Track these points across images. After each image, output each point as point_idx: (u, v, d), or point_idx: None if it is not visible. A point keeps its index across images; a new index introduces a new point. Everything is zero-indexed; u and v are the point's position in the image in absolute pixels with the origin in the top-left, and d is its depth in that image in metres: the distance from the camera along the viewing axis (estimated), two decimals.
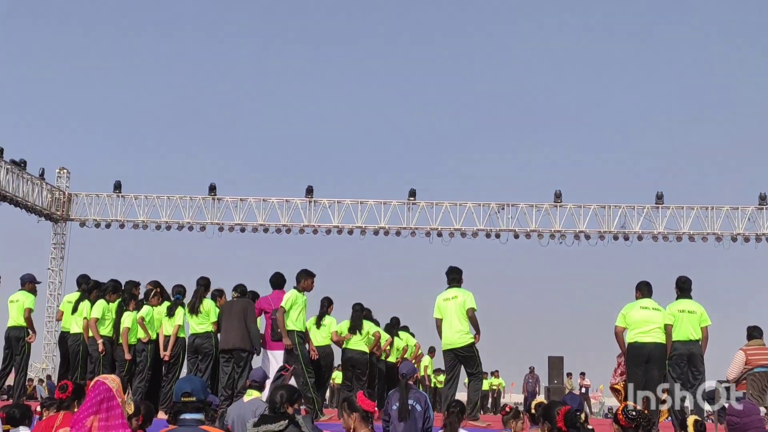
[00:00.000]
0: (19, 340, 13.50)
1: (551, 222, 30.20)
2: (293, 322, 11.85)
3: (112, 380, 5.33)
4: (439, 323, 11.94)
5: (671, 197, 30.25)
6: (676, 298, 11.71)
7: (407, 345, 16.14)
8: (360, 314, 13.62)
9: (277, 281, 12.64)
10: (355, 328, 13.41)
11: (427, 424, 8.77)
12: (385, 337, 14.21)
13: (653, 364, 11.38)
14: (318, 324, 13.28)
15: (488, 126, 79.59)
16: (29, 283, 13.88)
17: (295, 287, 12.08)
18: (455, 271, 12.15)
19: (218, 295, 12.94)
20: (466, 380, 13.79)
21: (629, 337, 11.63)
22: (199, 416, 5.39)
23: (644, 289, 11.77)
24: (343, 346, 13.56)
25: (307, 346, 12.01)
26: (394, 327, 15.45)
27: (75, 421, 5.20)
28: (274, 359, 12.06)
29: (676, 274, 11.88)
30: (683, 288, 11.75)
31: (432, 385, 25.16)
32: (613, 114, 75.21)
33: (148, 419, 7.37)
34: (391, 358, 15.16)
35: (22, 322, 13.47)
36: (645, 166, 69.81)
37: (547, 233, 30.12)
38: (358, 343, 13.43)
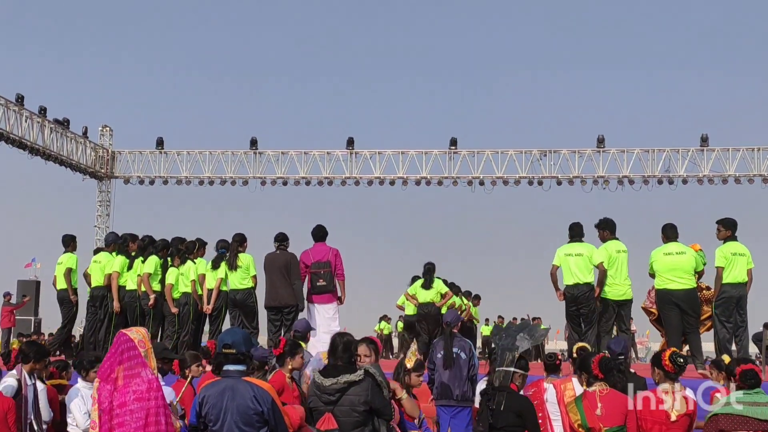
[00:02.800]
0: (103, 299, 13.58)
1: (594, 167, 29.84)
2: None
3: (136, 332, 5.45)
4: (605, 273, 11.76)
5: (716, 139, 29.72)
6: (724, 241, 11.57)
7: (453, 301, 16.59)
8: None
9: (320, 234, 12.63)
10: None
11: (472, 371, 8.81)
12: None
13: (685, 309, 11.36)
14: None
15: (528, 72, 78.77)
16: (113, 245, 14.02)
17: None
18: (613, 223, 12.05)
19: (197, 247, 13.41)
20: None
21: (657, 284, 11.61)
22: (242, 367, 5.47)
23: (669, 232, 11.70)
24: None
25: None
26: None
27: (101, 373, 5.34)
28: (317, 312, 12.15)
29: (722, 217, 11.74)
30: (733, 231, 11.63)
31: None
32: (655, 55, 74.02)
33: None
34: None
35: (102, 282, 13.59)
36: (689, 108, 68.81)
37: (590, 179, 29.79)
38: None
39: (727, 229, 11.64)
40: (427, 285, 14.80)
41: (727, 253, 11.38)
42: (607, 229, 12.03)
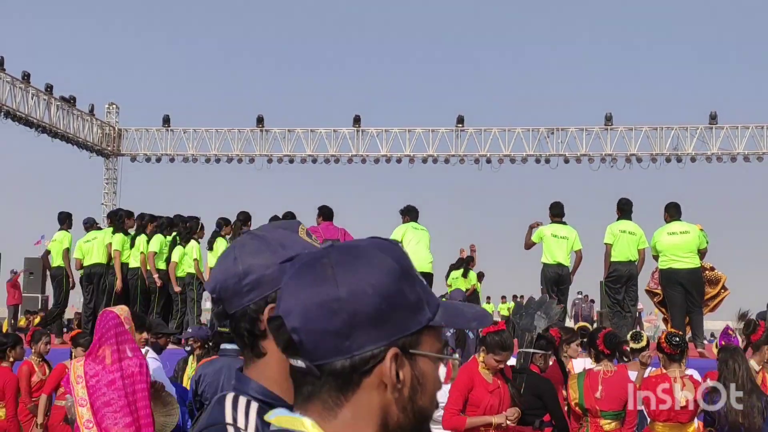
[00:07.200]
0: (101, 276, 13.47)
1: (602, 145, 29.61)
2: None
3: (120, 309, 5.40)
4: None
5: (725, 116, 29.47)
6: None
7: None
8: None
9: (330, 213, 12.38)
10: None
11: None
12: None
13: (689, 289, 11.34)
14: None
15: (535, 49, 78.39)
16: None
17: None
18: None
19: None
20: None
21: (661, 263, 11.58)
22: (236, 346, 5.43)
23: (672, 211, 11.66)
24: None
25: None
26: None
27: (89, 352, 5.29)
28: None
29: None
30: (625, 211, 12.06)
31: None
32: (663, 31, 73.53)
33: None
34: None
35: (103, 260, 13.48)
36: (698, 85, 68.44)
37: (598, 157, 29.58)
38: None
39: (619, 209, 12.01)
40: (465, 275, 17.36)
41: (615, 230, 11.69)
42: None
